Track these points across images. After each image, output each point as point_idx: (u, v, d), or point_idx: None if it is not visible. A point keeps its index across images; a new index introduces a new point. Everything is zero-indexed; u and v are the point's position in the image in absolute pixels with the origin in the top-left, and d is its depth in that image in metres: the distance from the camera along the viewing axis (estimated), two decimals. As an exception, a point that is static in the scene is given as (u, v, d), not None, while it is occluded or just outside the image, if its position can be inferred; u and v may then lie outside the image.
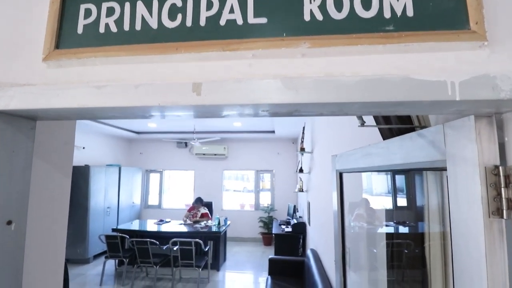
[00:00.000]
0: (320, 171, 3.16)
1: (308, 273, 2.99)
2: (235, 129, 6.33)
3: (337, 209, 1.41)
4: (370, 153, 1.00)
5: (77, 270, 4.91)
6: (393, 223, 1.36)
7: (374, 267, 1.44)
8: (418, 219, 1.04)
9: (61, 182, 0.76)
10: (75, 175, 5.42)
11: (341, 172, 1.42)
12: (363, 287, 1.47)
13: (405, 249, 1.16)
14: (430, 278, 0.83)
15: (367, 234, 1.55)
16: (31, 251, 0.60)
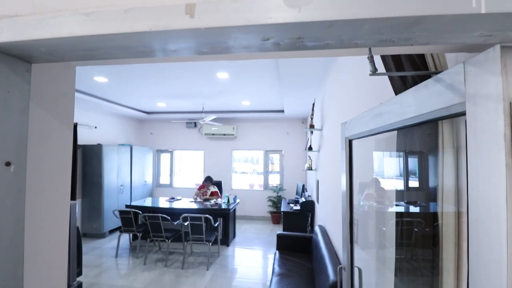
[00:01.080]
0: (330, 148, 3.10)
1: (316, 248, 3.03)
2: (244, 109, 6.27)
3: (346, 177, 1.38)
4: (381, 112, 0.95)
5: (94, 244, 5.17)
6: (404, 203, 1.31)
7: (382, 244, 1.42)
8: (430, 199, 1.00)
9: (63, 133, 0.76)
10: (88, 153, 5.58)
11: (350, 139, 1.38)
12: (371, 257, 1.46)
13: (416, 228, 1.12)
14: (442, 256, 0.79)
15: (376, 212, 1.52)
16: (34, 195, 0.60)
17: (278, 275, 2.89)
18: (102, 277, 3.77)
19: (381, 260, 1.41)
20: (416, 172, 1.08)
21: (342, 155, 1.42)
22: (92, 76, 3.91)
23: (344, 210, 1.39)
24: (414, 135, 0.97)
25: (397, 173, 1.28)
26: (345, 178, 1.39)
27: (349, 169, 1.37)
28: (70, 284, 1.46)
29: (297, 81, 3.50)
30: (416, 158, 1.08)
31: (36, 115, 0.61)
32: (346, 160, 1.39)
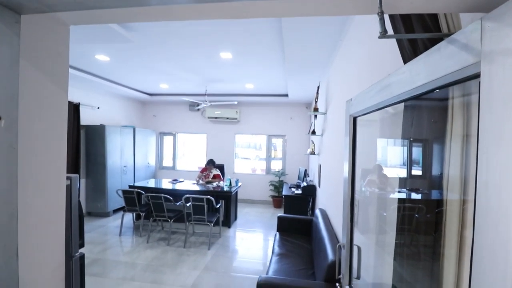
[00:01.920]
0: (333, 132, 3.07)
1: (316, 230, 3.06)
2: (247, 92, 6.19)
3: (349, 154, 1.36)
4: (389, 83, 0.91)
5: (98, 222, 5.29)
6: (406, 189, 1.28)
7: (383, 229, 1.41)
8: (434, 185, 0.97)
9: (57, 95, 0.74)
10: (91, 133, 5.60)
11: (355, 117, 1.34)
12: (371, 241, 1.46)
13: (418, 214, 1.09)
14: (444, 242, 0.77)
15: (378, 198, 1.50)
16: (27, 154, 0.59)
17: (278, 255, 2.94)
18: (106, 253, 3.88)
19: (380, 245, 1.41)
20: (420, 160, 1.05)
21: (346, 133, 1.40)
22: (93, 55, 3.85)
23: (346, 187, 1.38)
24: (421, 115, 0.93)
25: (401, 161, 1.25)
26: (348, 154, 1.37)
27: (352, 146, 1.35)
28: (72, 255, 1.49)
29: (302, 62, 3.41)
30: (421, 145, 1.04)
31: (27, 72, 0.59)
32: (350, 137, 1.36)
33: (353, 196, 1.37)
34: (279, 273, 2.54)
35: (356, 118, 1.34)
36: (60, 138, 0.77)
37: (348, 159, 1.37)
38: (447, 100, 0.71)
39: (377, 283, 1.34)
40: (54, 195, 0.75)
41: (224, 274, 3.36)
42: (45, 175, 0.72)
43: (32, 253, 0.66)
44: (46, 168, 0.71)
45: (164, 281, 3.14)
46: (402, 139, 1.10)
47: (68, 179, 1.45)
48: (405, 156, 1.17)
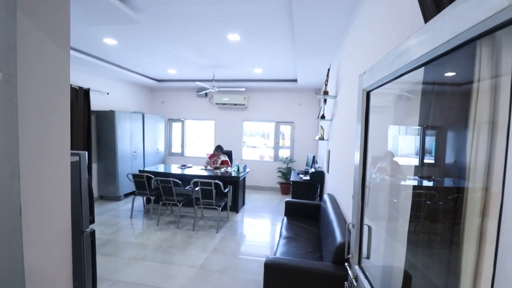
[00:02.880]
0: (343, 115, 2.99)
1: (324, 215, 3.04)
2: (255, 77, 6.09)
3: (362, 130, 1.30)
4: (407, 47, 0.85)
5: (110, 206, 5.43)
6: (418, 177, 1.22)
7: (393, 217, 1.36)
8: (450, 174, 0.91)
9: (57, 53, 0.71)
10: (101, 119, 5.67)
11: (368, 91, 1.28)
12: (381, 229, 1.42)
13: (433, 201, 1.03)
14: (464, 231, 0.71)
15: (389, 185, 1.44)
16: (28, 110, 0.58)
17: (285, 238, 2.95)
18: (118, 235, 3.99)
19: (392, 230, 1.37)
20: (433, 147, 0.98)
21: (359, 108, 1.34)
22: (101, 38, 3.83)
23: (358, 163, 1.33)
24: (441, 98, 0.87)
25: (415, 148, 1.18)
26: (360, 130, 1.31)
27: (365, 122, 1.29)
28: (83, 231, 1.52)
29: (312, 42, 3.30)
30: (437, 131, 0.97)
31: (25, 25, 0.56)
32: (362, 113, 1.30)
33: (364, 172, 1.33)
34: (286, 255, 2.55)
35: (369, 92, 1.27)
36: (63, 96, 0.75)
37: (360, 135, 1.32)
38: (471, 83, 0.65)
39: (387, 265, 1.31)
40: (58, 154, 0.73)
41: (232, 256, 3.41)
42: (48, 133, 0.70)
43: (36, 215, 0.65)
44: (48, 125, 0.69)
45: (174, 262, 3.21)
46: (419, 126, 1.04)
47: (76, 155, 1.46)
48: (419, 143, 1.10)
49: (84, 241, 1.51)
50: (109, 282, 2.76)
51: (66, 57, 0.72)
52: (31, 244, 0.62)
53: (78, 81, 5.19)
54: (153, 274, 2.93)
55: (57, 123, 0.75)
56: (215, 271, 3.03)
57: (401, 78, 0.96)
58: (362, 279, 1.25)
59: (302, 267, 1.91)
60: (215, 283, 2.80)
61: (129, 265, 3.11)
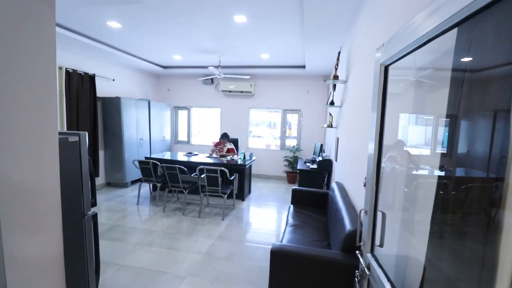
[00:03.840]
0: (355, 99, 2.86)
1: (332, 203, 2.96)
2: (262, 63, 5.93)
3: (378, 110, 1.20)
4: (437, 7, 0.73)
5: (117, 192, 5.47)
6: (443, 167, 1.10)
7: (412, 206, 1.27)
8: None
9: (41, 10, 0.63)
10: (107, 106, 5.64)
11: (386, 65, 1.17)
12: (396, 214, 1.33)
13: (458, 192, 0.93)
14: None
15: (399, 174, 1.34)
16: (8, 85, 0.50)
17: (292, 226, 2.89)
18: (124, 221, 4.01)
19: (409, 220, 1.28)
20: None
21: (375, 86, 1.23)
22: (104, 21, 3.73)
23: (373, 146, 1.24)
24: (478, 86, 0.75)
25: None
26: (376, 110, 1.21)
27: (382, 100, 1.18)
28: (84, 213, 1.48)
29: (323, 24, 3.14)
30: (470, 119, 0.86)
31: None
32: (379, 91, 1.19)
33: (380, 155, 1.23)
34: (293, 242, 2.50)
35: (388, 67, 1.16)
36: (48, 74, 0.68)
37: (376, 116, 1.21)
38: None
39: (403, 255, 1.23)
40: (44, 132, 0.67)
41: (237, 243, 3.39)
42: (31, 110, 0.63)
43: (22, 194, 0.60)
44: (31, 87, 0.62)
45: (180, 248, 3.21)
46: (448, 108, 0.92)
47: (76, 135, 1.40)
48: (449, 127, 0.98)
49: (85, 223, 1.47)
50: (116, 266, 2.77)
51: (52, 15, 0.64)
52: (14, 222, 0.57)
53: (83, 67, 5.14)
54: (159, 260, 2.93)
55: (40, 98, 0.67)
56: (220, 258, 3.01)
57: (427, 46, 0.85)
58: (375, 267, 1.17)
59: (309, 255, 1.85)
60: (220, 269, 2.79)
61: (136, 251, 3.12)
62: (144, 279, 2.56)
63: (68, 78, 4.72)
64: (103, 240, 3.34)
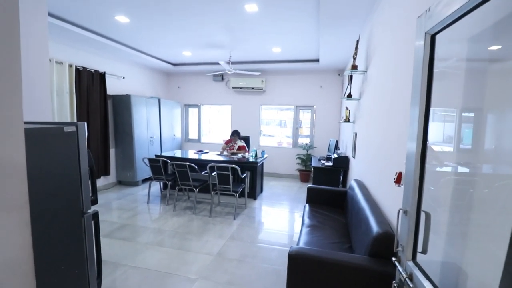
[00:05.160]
0: (376, 89, 2.62)
1: (352, 202, 2.74)
2: (274, 58, 5.73)
3: (422, 90, 0.99)
4: None
5: (128, 191, 5.41)
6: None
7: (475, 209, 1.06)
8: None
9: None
10: (118, 103, 5.59)
11: (433, 34, 0.96)
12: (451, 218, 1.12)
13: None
14: None
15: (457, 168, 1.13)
16: None
17: (309, 227, 2.70)
18: (134, 219, 3.92)
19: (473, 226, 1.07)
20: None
21: (418, 61, 1.02)
22: (112, 16, 3.64)
23: (415, 135, 1.03)
24: None
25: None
26: (419, 92, 1.00)
27: (427, 77, 0.98)
28: (84, 212, 1.34)
29: (340, 9, 2.92)
30: None
31: None
32: (424, 65, 0.98)
33: (425, 146, 1.02)
34: (310, 245, 2.30)
35: (435, 35, 0.95)
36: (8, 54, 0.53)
37: (420, 98, 1.01)
38: None
39: (457, 267, 1.02)
40: (5, 118, 0.53)
41: (250, 244, 3.22)
42: None
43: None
44: None
45: (190, 248, 3.07)
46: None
47: (73, 125, 1.26)
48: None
49: (85, 223, 1.34)
50: (124, 267, 2.66)
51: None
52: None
53: (94, 65, 5.10)
54: (169, 261, 2.80)
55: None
56: (232, 259, 2.85)
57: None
58: (421, 279, 0.97)
59: (333, 260, 1.65)
60: (233, 271, 2.62)
61: (145, 251, 3.00)
62: (153, 281, 2.43)
63: (78, 76, 4.68)
64: (112, 240, 3.25)
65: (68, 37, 4.24)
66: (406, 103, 1.69)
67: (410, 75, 1.66)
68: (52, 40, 4.27)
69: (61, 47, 4.46)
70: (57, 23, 3.70)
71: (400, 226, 1.16)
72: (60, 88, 4.36)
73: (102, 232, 3.46)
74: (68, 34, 4.12)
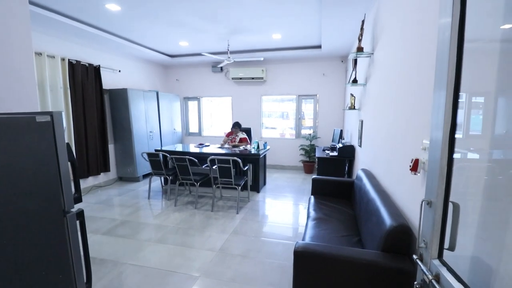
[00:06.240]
0: (385, 72, 2.44)
1: (360, 192, 2.60)
2: (274, 45, 5.52)
3: (450, 55, 0.83)
4: None
5: (129, 187, 5.31)
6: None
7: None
8: None
9: None
10: (115, 98, 5.44)
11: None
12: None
13: None
14: None
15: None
16: None
17: (315, 220, 2.56)
18: (135, 216, 3.82)
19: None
20: None
21: (444, 37, 0.85)
22: (103, 4, 3.45)
23: (440, 122, 0.87)
24: None
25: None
26: (446, 76, 0.84)
27: (456, 58, 0.81)
28: (66, 211, 1.21)
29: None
30: None
31: None
32: (451, 42, 0.82)
33: (453, 131, 0.87)
34: (317, 239, 2.17)
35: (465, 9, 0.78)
36: None
37: (447, 77, 0.84)
38: None
39: (492, 267, 0.88)
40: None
41: (254, 239, 3.10)
42: None
43: None
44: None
45: (192, 244, 2.96)
46: None
47: (47, 114, 1.11)
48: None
49: (68, 224, 1.21)
50: (124, 266, 2.55)
51: None
52: None
53: (88, 58, 4.93)
54: (170, 258, 2.69)
55: None
56: (236, 255, 2.74)
57: None
58: (451, 281, 0.82)
59: (342, 256, 1.51)
60: (236, 268, 2.51)
61: (144, 248, 2.90)
62: (153, 280, 2.32)
63: (72, 70, 4.53)
64: (112, 237, 3.15)
65: (57, 28, 4.06)
66: (421, 85, 1.52)
67: (424, 54, 1.49)
68: (42, 33, 4.10)
69: (52, 40, 4.29)
70: (43, 13, 3.53)
71: (422, 219, 1.01)
72: (53, 83, 4.21)
73: (102, 229, 3.36)
74: (57, 25, 3.94)
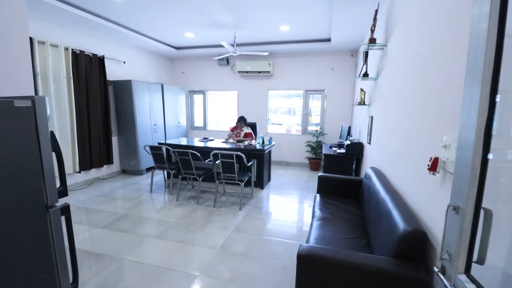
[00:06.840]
0: (400, 64, 2.28)
1: (369, 192, 2.46)
2: (282, 38, 5.34)
3: (483, 72, 0.68)
4: None
5: (132, 180, 5.27)
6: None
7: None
8: None
9: None
10: (119, 89, 5.36)
11: None
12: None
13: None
14: None
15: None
16: None
17: (320, 219, 2.43)
18: (135, 210, 3.75)
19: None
20: None
21: (479, 28, 0.70)
22: (106, -9, 3.35)
23: (472, 120, 0.73)
24: None
25: None
26: (482, 72, 0.69)
27: (495, 51, 0.66)
28: (49, 205, 1.12)
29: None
30: None
31: None
32: (489, 34, 0.67)
33: (489, 127, 0.72)
34: (322, 240, 2.05)
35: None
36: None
37: (482, 74, 0.70)
38: None
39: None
40: None
41: (256, 237, 3.00)
42: None
43: None
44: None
45: (192, 241, 2.88)
46: None
47: (27, 99, 1.01)
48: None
49: (51, 219, 1.11)
50: (119, 262, 2.48)
51: None
52: None
53: (92, 48, 4.86)
54: (169, 255, 2.61)
55: None
56: (237, 254, 2.64)
57: None
58: (483, 303, 0.69)
59: (350, 262, 1.39)
60: (236, 267, 2.41)
61: (144, 243, 2.82)
62: (150, 278, 2.24)
63: (75, 60, 4.46)
64: (110, 231, 3.09)
65: (61, 17, 3.99)
66: (443, 79, 1.37)
67: (448, 46, 1.33)
68: (45, 21, 4.03)
69: (55, 29, 4.22)
70: (46, 0, 3.44)
71: (447, 227, 0.87)
72: (56, 73, 4.15)
73: (102, 222, 3.31)
74: (61, 14, 3.86)
